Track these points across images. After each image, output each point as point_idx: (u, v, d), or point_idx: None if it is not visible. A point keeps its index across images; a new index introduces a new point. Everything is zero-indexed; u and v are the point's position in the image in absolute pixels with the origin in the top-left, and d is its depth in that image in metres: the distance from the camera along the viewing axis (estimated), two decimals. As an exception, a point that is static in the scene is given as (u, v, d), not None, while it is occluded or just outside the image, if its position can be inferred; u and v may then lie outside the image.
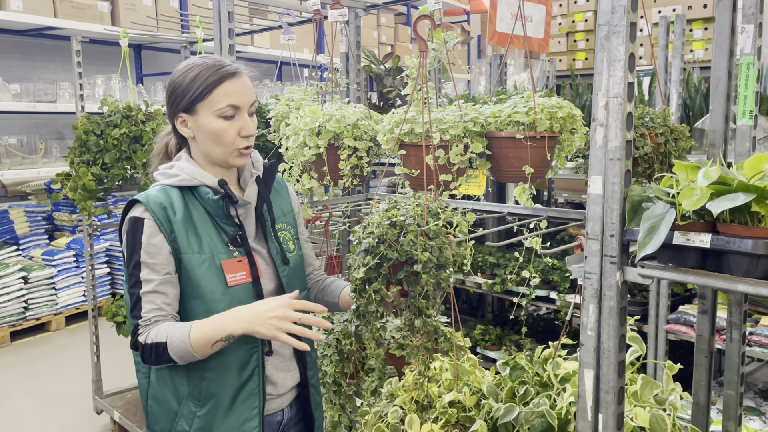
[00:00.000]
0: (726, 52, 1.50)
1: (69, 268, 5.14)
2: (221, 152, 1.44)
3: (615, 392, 1.24)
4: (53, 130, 5.86)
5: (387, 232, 1.41)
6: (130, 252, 1.40)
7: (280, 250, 1.53)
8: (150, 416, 1.48)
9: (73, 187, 2.83)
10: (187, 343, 1.33)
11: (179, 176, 1.45)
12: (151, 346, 1.35)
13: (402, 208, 1.47)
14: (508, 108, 1.69)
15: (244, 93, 1.44)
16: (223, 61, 1.46)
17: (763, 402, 2.97)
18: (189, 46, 3.86)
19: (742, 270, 1.04)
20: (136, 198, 1.43)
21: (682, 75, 3.12)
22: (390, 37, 8.07)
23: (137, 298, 1.38)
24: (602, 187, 1.21)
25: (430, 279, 1.39)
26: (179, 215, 1.42)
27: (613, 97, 1.18)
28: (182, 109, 1.45)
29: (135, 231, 1.40)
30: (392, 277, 1.43)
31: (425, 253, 1.38)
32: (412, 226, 1.41)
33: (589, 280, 1.25)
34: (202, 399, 1.42)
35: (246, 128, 1.43)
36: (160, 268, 1.39)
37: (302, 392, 1.62)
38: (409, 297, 1.43)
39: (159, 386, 1.46)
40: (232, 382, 1.43)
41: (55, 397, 3.84)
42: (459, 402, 1.64)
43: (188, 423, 1.42)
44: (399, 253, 1.38)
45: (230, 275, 1.43)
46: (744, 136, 1.52)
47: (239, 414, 1.43)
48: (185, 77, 1.44)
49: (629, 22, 1.16)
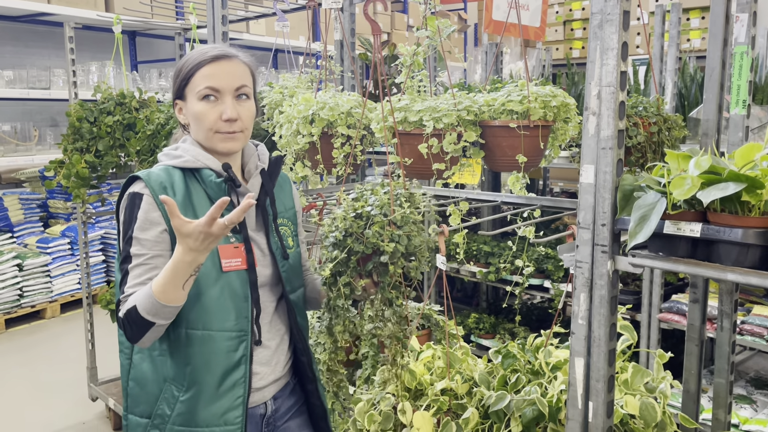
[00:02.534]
0: (720, 41, 1.50)
1: (64, 255, 5.13)
2: (204, 136, 1.45)
3: (605, 380, 1.25)
4: (47, 117, 5.83)
5: (352, 225, 1.40)
6: (125, 227, 1.39)
7: (281, 245, 1.52)
8: (129, 398, 1.46)
9: (66, 175, 2.82)
10: (152, 297, 1.29)
11: (183, 157, 1.44)
12: (127, 317, 1.33)
13: (370, 198, 1.46)
14: (501, 97, 1.69)
15: (228, 76, 1.43)
16: (216, 47, 1.46)
17: (755, 390, 2.99)
18: (183, 32, 3.83)
19: (732, 259, 1.05)
20: (136, 174, 1.42)
21: (677, 64, 3.11)
22: (386, 25, 8.02)
23: (125, 273, 1.37)
24: (594, 176, 1.21)
25: (398, 269, 1.38)
26: (179, 196, 1.41)
27: (605, 86, 1.18)
28: (176, 95, 1.48)
29: (132, 206, 1.39)
30: (362, 268, 1.43)
31: (391, 244, 1.37)
32: (378, 217, 1.40)
33: (581, 269, 1.25)
34: (187, 383, 1.41)
35: (226, 112, 1.42)
36: (151, 246, 1.38)
37: (307, 387, 1.60)
38: (379, 287, 1.43)
39: (141, 368, 1.45)
40: (218, 369, 1.41)
41: (50, 384, 3.85)
42: (451, 390, 1.65)
43: (170, 407, 1.41)
44: (365, 246, 1.38)
45: (225, 260, 1.42)
46: (737, 126, 1.52)
47: (223, 402, 1.42)
48: (180, 65, 1.47)
49: (622, 11, 1.16)
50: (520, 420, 1.51)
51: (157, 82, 5.66)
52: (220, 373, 1.41)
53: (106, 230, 5.47)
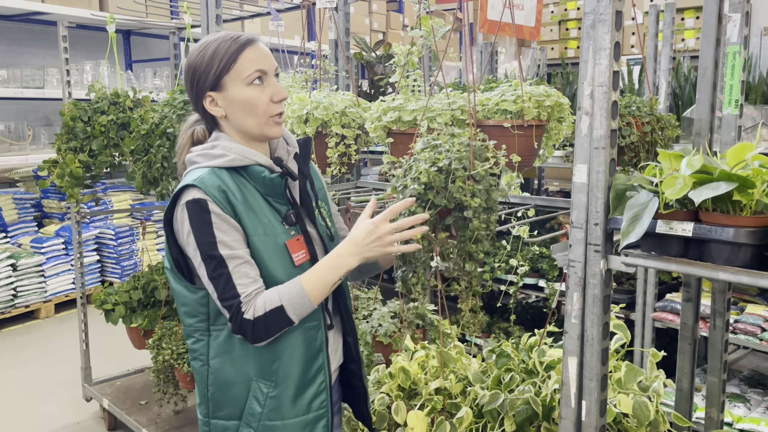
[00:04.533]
0: (713, 41, 1.51)
1: (58, 255, 5.11)
2: (256, 123, 1.38)
3: (598, 379, 1.25)
4: (41, 117, 5.81)
5: (434, 179, 1.37)
6: (198, 235, 1.32)
7: (326, 227, 1.51)
8: (212, 403, 1.43)
9: (60, 174, 2.81)
10: (305, 298, 1.32)
11: (227, 156, 1.37)
12: (265, 317, 1.31)
13: (444, 151, 1.42)
14: (495, 96, 1.69)
15: (268, 57, 1.40)
16: (237, 32, 1.42)
17: (748, 389, 3.00)
18: (178, 32, 3.82)
19: (724, 258, 1.05)
20: (187, 183, 1.34)
21: (671, 64, 3.12)
22: (382, 24, 8.03)
23: (226, 279, 1.31)
24: (587, 175, 1.21)
25: (481, 224, 1.36)
26: (239, 198, 1.36)
27: (598, 86, 1.19)
28: (209, 87, 1.39)
29: (200, 212, 1.32)
30: (439, 222, 1.41)
31: (475, 199, 1.35)
32: (459, 171, 1.37)
33: (574, 268, 1.25)
34: (276, 379, 1.40)
35: (278, 92, 1.39)
36: (238, 245, 1.33)
37: (350, 367, 1.58)
38: (459, 242, 1.41)
39: (222, 372, 1.41)
40: (303, 360, 1.41)
41: (44, 384, 3.83)
42: (445, 389, 1.65)
43: (260, 404, 1.40)
44: (448, 200, 1.36)
45: (295, 255, 1.40)
46: (729, 125, 1.53)
47: (310, 391, 1.43)
48: (204, 55, 1.39)
49: (615, 11, 1.16)
50: (513, 419, 1.52)
51: (152, 81, 5.65)
52: (305, 364, 1.42)
53: (100, 230, 5.46)
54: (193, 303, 1.39)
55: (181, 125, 1.52)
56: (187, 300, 1.40)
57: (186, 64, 1.43)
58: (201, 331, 1.41)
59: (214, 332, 1.40)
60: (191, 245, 1.33)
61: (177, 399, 2.96)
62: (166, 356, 2.77)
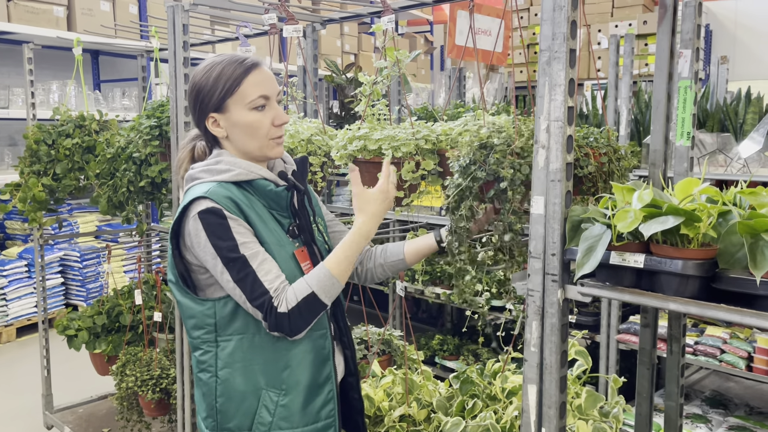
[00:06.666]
0: (665, 74, 1.56)
1: (20, 278, 5.00)
2: (257, 145, 1.42)
3: (557, 407, 1.27)
4: (5, 137, 5.71)
5: (476, 154, 1.47)
6: (217, 241, 1.33)
7: (324, 242, 1.55)
8: (221, 415, 1.42)
9: (22, 198, 2.77)
10: (333, 279, 1.37)
11: (233, 171, 1.40)
12: (299, 307, 1.33)
13: (494, 129, 1.53)
14: (458, 126, 1.72)
15: (271, 81, 1.44)
16: (241, 55, 1.45)
17: (710, 409, 3.06)
18: (146, 54, 3.81)
19: (673, 289, 1.08)
20: (198, 195, 1.36)
21: (633, 89, 3.21)
22: (353, 46, 8.10)
23: (252, 279, 1.33)
24: (544, 207, 1.25)
25: (516, 195, 1.43)
26: (249, 210, 1.39)
27: (554, 121, 1.22)
28: (212, 108, 1.42)
29: (216, 219, 1.34)
30: (484, 195, 1.49)
31: (510, 170, 1.42)
32: (501, 146, 1.45)
33: (532, 297, 1.28)
34: (286, 387, 1.41)
35: (279, 116, 1.42)
36: (257, 246, 1.36)
37: (348, 380, 1.60)
38: (500, 213, 1.48)
39: (232, 382, 1.41)
40: (312, 368, 1.43)
41: (4, 412, 3.73)
42: (409, 416, 1.66)
43: (270, 413, 1.40)
44: (487, 172, 1.44)
45: (303, 264, 1.44)
46: (682, 157, 1.58)
47: (319, 399, 1.44)
48: (209, 76, 1.42)
49: (569, 49, 1.20)
50: (476, 446, 1.53)
51: (121, 102, 5.60)
52: (315, 372, 1.43)
53: (65, 252, 5.36)
54: (200, 315, 1.41)
55: (183, 139, 1.57)
56: (194, 312, 1.41)
57: (190, 84, 1.45)
58: (209, 342, 1.42)
59: (222, 343, 1.41)
60: (209, 253, 1.35)
61: (141, 426, 2.91)
62: (129, 383, 2.72)
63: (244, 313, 1.40)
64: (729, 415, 2.99)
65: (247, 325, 1.41)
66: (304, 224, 1.49)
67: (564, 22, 1.19)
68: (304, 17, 2.48)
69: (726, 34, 7.67)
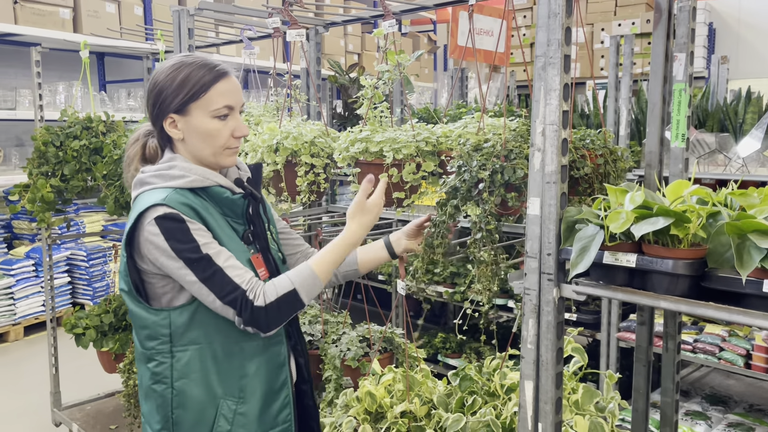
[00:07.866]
0: (660, 77, 1.59)
1: (28, 277, 5.06)
2: (211, 152, 1.41)
3: (553, 402, 1.31)
4: (13, 137, 5.77)
5: (464, 156, 1.53)
6: (178, 244, 1.31)
7: (277, 249, 1.56)
8: (176, 426, 1.42)
9: (31, 199, 2.82)
10: (316, 279, 1.39)
11: (188, 177, 1.37)
12: (278, 302, 1.33)
13: (490, 132, 1.58)
14: (458, 128, 1.76)
15: (237, 92, 1.42)
16: (211, 59, 1.43)
17: (710, 407, 3.09)
18: (152, 56, 3.86)
19: (664, 288, 1.12)
20: (153, 203, 1.33)
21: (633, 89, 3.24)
22: (357, 46, 8.13)
23: (221, 276, 1.32)
24: (540, 208, 1.28)
25: (490, 197, 1.48)
26: (207, 215, 1.38)
27: (549, 124, 1.26)
28: (173, 109, 1.39)
29: (174, 223, 1.31)
30: (472, 196, 1.54)
31: (484, 172, 1.47)
32: (488, 149, 1.50)
33: (529, 296, 1.32)
34: (244, 395, 1.42)
35: (239, 129, 1.42)
36: (218, 247, 1.35)
37: (302, 387, 1.61)
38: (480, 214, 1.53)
39: (189, 393, 1.41)
40: (269, 374, 1.45)
41: (12, 409, 3.78)
42: (410, 412, 1.69)
43: (228, 421, 1.41)
44: (471, 175, 1.49)
45: (259, 270, 1.44)
46: (677, 158, 1.61)
47: (276, 404, 1.46)
48: (174, 77, 1.39)
49: (563, 55, 1.23)
50: (476, 441, 1.56)
51: (126, 102, 5.65)
52: (271, 378, 1.45)
53: (72, 251, 5.41)
54: (153, 325, 1.39)
55: None
56: (147, 322, 1.39)
57: (153, 81, 1.42)
58: (163, 353, 1.40)
59: (177, 353, 1.39)
60: (170, 257, 1.32)
61: (148, 423, 2.95)
62: (137, 380, 2.77)
63: (200, 323, 1.39)
64: (728, 412, 3.02)
65: (203, 335, 1.40)
66: (259, 231, 1.50)
67: (558, 29, 1.22)
68: (307, 21, 2.52)
69: (729, 32, 7.67)
